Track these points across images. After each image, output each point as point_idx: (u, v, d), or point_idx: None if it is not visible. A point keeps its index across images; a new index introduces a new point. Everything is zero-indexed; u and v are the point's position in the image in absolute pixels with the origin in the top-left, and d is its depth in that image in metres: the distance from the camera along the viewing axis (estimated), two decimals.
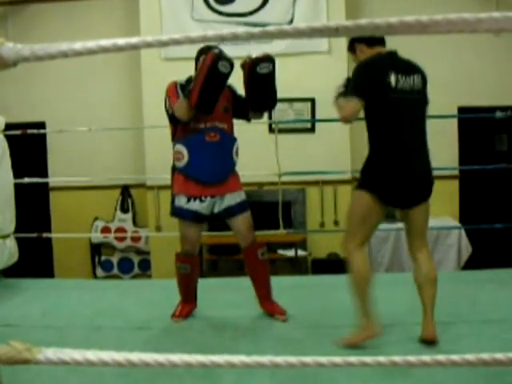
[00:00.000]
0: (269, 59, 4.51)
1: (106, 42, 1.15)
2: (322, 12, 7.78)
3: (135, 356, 1.23)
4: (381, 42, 4.06)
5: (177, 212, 4.67)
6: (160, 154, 7.85)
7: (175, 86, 4.59)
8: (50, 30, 8.41)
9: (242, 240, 4.76)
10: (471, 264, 7.56)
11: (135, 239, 8.53)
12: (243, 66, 4.55)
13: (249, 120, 4.85)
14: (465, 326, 4.35)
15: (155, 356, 1.23)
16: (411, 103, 3.94)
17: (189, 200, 4.59)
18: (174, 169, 4.75)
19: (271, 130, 7.63)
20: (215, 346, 4.14)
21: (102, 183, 8.20)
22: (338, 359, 1.18)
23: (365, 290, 3.91)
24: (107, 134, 8.05)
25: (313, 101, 7.88)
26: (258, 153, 7.53)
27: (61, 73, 8.33)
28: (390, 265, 7.40)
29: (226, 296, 5.43)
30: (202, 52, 4.47)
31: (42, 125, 8.27)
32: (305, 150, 7.36)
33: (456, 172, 8.08)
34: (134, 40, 1.14)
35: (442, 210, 7.82)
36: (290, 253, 7.54)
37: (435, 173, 4.10)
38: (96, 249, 8.67)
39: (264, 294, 4.79)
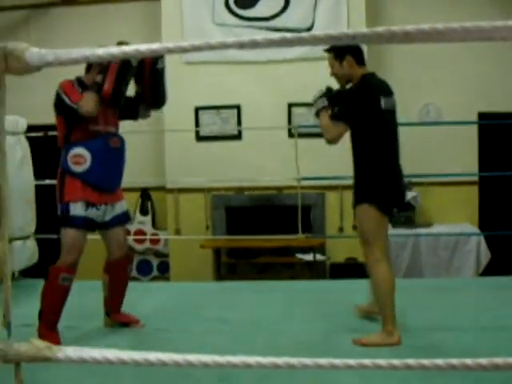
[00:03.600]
0: (162, 56, 4.46)
1: (128, 48, 1.17)
2: (342, 18, 7.75)
3: (153, 356, 1.25)
4: (364, 63, 4.23)
5: (73, 221, 4.23)
6: (180, 157, 7.91)
7: (72, 83, 4.36)
8: (71, 34, 8.47)
9: (117, 250, 4.59)
10: (490, 270, 7.53)
11: (154, 241, 8.55)
12: (142, 63, 4.45)
13: (136, 119, 4.83)
14: (483, 332, 4.34)
15: (173, 356, 1.25)
16: (394, 123, 4.18)
17: (87, 208, 4.27)
18: (66, 173, 4.32)
19: (291, 134, 7.64)
20: (232, 347, 4.15)
21: (122, 186, 8.24)
22: (352, 362, 1.19)
23: (393, 297, 4.00)
24: (127, 137, 8.08)
25: None
26: (278, 157, 7.57)
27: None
28: (408, 270, 7.39)
29: (244, 298, 5.46)
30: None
31: None
32: (324, 154, 7.34)
33: (475, 178, 8.04)
34: (154, 46, 1.16)
35: (461, 216, 7.79)
36: (309, 257, 7.54)
37: (455, 178, 4.14)
38: None
39: (117, 307, 4.69)
